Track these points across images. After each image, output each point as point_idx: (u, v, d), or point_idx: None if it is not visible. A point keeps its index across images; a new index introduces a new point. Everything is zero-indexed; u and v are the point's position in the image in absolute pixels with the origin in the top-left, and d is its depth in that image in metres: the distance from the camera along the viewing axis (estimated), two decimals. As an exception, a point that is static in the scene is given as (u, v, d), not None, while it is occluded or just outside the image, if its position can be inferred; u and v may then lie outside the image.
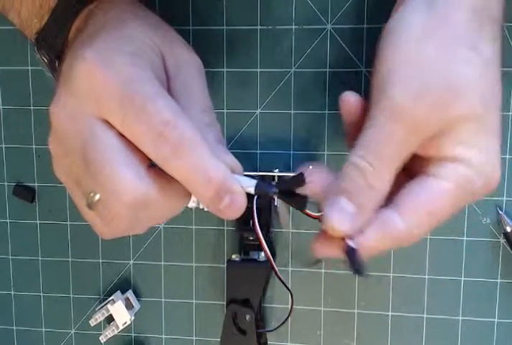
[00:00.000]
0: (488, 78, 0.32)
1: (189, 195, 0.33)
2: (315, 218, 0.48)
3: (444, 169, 0.32)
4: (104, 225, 0.33)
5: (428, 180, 0.33)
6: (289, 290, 0.49)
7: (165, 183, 0.32)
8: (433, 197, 0.32)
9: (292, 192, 0.33)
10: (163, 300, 0.53)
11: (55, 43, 0.39)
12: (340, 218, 0.32)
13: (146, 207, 0.32)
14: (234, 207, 0.32)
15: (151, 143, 0.30)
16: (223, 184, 0.31)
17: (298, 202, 0.35)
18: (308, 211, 0.48)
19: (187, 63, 0.35)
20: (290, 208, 0.36)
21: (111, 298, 0.53)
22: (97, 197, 0.32)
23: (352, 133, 0.35)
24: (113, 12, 0.36)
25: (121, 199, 0.31)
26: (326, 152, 0.49)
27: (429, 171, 0.33)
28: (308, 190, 0.34)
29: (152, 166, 0.32)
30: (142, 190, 0.31)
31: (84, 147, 0.31)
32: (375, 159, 0.32)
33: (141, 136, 0.30)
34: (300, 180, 0.34)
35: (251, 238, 0.49)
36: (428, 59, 0.32)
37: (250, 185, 0.32)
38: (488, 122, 0.32)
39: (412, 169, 0.34)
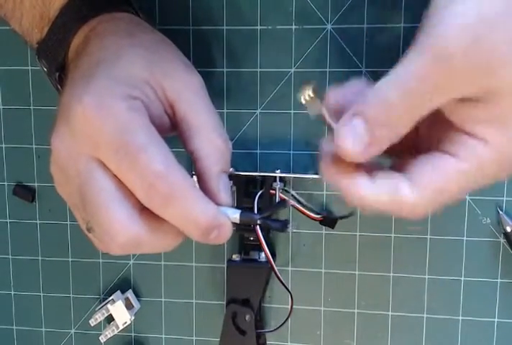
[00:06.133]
0: None
1: (181, 236, 0.34)
2: (316, 220, 0.48)
3: (462, 148, 0.31)
4: (101, 244, 0.34)
5: (446, 158, 0.31)
6: (288, 290, 0.49)
7: (157, 225, 0.33)
8: (448, 176, 0.31)
9: (273, 219, 0.36)
10: (163, 300, 0.53)
11: (55, 56, 0.39)
12: (352, 142, 0.30)
13: (138, 246, 0.33)
14: (221, 237, 0.33)
15: (143, 192, 0.31)
16: (211, 224, 0.32)
17: (280, 226, 0.38)
18: (309, 213, 0.48)
19: (187, 84, 0.35)
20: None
21: (111, 298, 0.53)
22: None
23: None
24: (109, 40, 0.36)
25: (113, 240, 0.32)
26: (326, 152, 0.48)
27: (447, 148, 0.31)
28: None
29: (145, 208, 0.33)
30: (134, 232, 0.32)
31: (81, 187, 0.32)
32: (403, 95, 0.29)
33: (133, 184, 0.32)
34: (281, 206, 0.39)
35: (251, 238, 0.49)
36: (497, 12, 0.28)
37: (235, 214, 0.35)
38: None
39: (425, 145, 0.33)
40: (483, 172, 0.31)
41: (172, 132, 0.36)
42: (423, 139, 0.34)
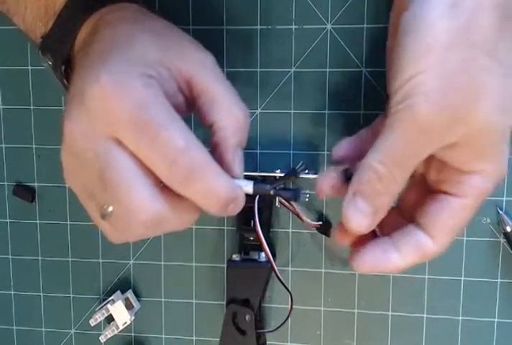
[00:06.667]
0: (507, 87, 0.32)
1: (198, 213, 0.34)
2: (314, 226, 0.48)
3: (463, 186, 0.34)
4: (116, 232, 0.34)
5: (451, 200, 0.34)
6: (288, 290, 0.49)
7: (177, 202, 0.33)
8: (458, 216, 0.34)
9: (286, 188, 0.36)
10: (163, 300, 0.53)
11: (61, 49, 0.39)
12: (357, 218, 0.34)
13: (159, 224, 0.33)
14: (236, 209, 0.34)
15: (164, 169, 0.32)
16: (229, 197, 0.33)
17: (293, 194, 0.39)
18: (309, 220, 0.48)
19: (202, 62, 0.36)
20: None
21: (111, 298, 0.53)
22: (110, 209, 0.33)
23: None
24: (120, 27, 0.36)
25: (137, 218, 0.32)
26: (326, 152, 0.49)
27: (449, 189, 0.35)
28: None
29: (164, 185, 0.33)
30: (157, 209, 0.32)
31: (100, 167, 0.32)
32: (394, 167, 0.33)
33: (154, 162, 0.32)
34: (292, 175, 0.40)
35: (251, 238, 0.49)
36: (451, 69, 0.31)
37: (248, 186, 0.35)
38: (504, 131, 0.33)
39: (426, 184, 0.37)
40: (484, 198, 0.34)
41: (187, 112, 0.36)
42: (427, 183, 0.37)
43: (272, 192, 0.36)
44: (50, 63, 0.40)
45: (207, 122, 0.36)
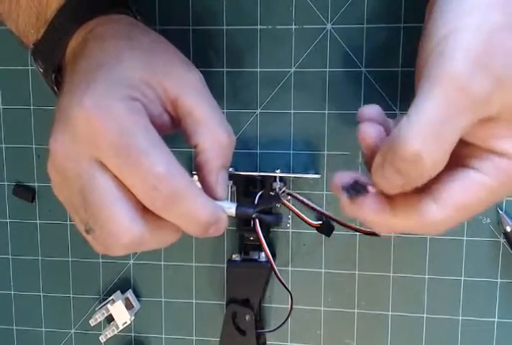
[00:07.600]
0: None
1: (180, 232, 0.35)
2: (313, 226, 0.48)
3: (485, 163, 0.31)
4: (99, 246, 0.34)
5: (469, 174, 0.32)
6: (288, 290, 0.49)
7: (158, 224, 0.33)
8: (472, 192, 0.31)
9: (268, 212, 0.36)
10: (163, 300, 0.53)
11: (51, 58, 0.39)
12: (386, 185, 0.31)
13: (140, 246, 0.33)
14: (218, 231, 0.34)
15: (145, 194, 0.32)
16: (210, 221, 0.33)
17: (275, 219, 0.40)
18: (308, 220, 0.48)
19: (188, 81, 0.36)
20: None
21: (111, 298, 0.53)
22: (93, 226, 0.33)
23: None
24: (109, 42, 0.36)
25: (116, 240, 0.32)
26: (326, 152, 0.49)
27: (470, 163, 0.32)
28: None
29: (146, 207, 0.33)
30: (138, 232, 0.32)
31: (82, 188, 0.32)
32: (432, 141, 0.29)
33: (135, 186, 0.32)
34: (275, 199, 0.41)
35: (251, 238, 0.49)
36: (495, 29, 0.29)
37: (231, 208, 0.36)
38: None
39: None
40: (507, 186, 0.32)
41: (173, 130, 0.37)
42: None
43: (254, 215, 0.36)
44: (41, 70, 0.40)
45: (191, 143, 0.36)
